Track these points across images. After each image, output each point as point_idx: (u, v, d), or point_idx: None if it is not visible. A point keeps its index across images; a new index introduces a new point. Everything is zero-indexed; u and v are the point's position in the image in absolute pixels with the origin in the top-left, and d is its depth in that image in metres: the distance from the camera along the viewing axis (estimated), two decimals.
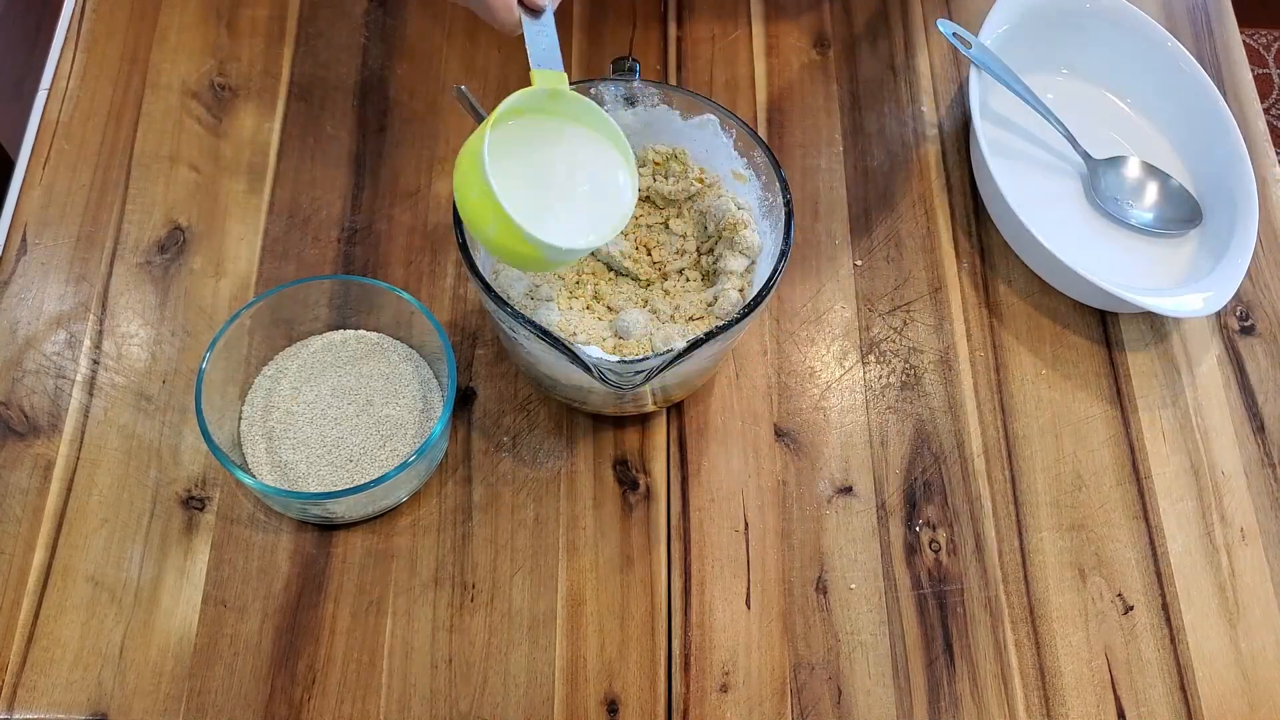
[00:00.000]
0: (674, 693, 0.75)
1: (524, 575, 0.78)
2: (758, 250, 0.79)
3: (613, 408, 0.81)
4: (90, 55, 0.96)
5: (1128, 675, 0.77)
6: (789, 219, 0.74)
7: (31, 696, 0.73)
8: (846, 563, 0.79)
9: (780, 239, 0.74)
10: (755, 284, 0.78)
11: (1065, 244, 0.86)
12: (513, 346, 0.78)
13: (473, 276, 0.71)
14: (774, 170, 0.76)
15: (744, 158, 0.80)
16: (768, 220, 0.79)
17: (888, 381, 0.86)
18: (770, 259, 0.76)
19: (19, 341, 0.84)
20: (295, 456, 0.78)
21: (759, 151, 0.77)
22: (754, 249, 0.79)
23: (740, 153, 0.79)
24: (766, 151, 0.77)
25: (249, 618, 0.76)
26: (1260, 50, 2.06)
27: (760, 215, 0.79)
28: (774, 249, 0.76)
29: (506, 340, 0.78)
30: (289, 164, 0.92)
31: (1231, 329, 0.91)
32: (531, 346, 0.72)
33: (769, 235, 0.78)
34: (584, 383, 0.75)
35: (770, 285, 0.71)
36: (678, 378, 0.76)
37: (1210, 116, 0.95)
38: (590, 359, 0.68)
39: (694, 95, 0.79)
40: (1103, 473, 0.84)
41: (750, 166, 0.79)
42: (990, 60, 0.93)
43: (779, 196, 0.76)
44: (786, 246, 0.73)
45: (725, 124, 0.79)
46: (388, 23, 0.99)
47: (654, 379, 0.69)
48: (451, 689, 0.74)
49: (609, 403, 0.80)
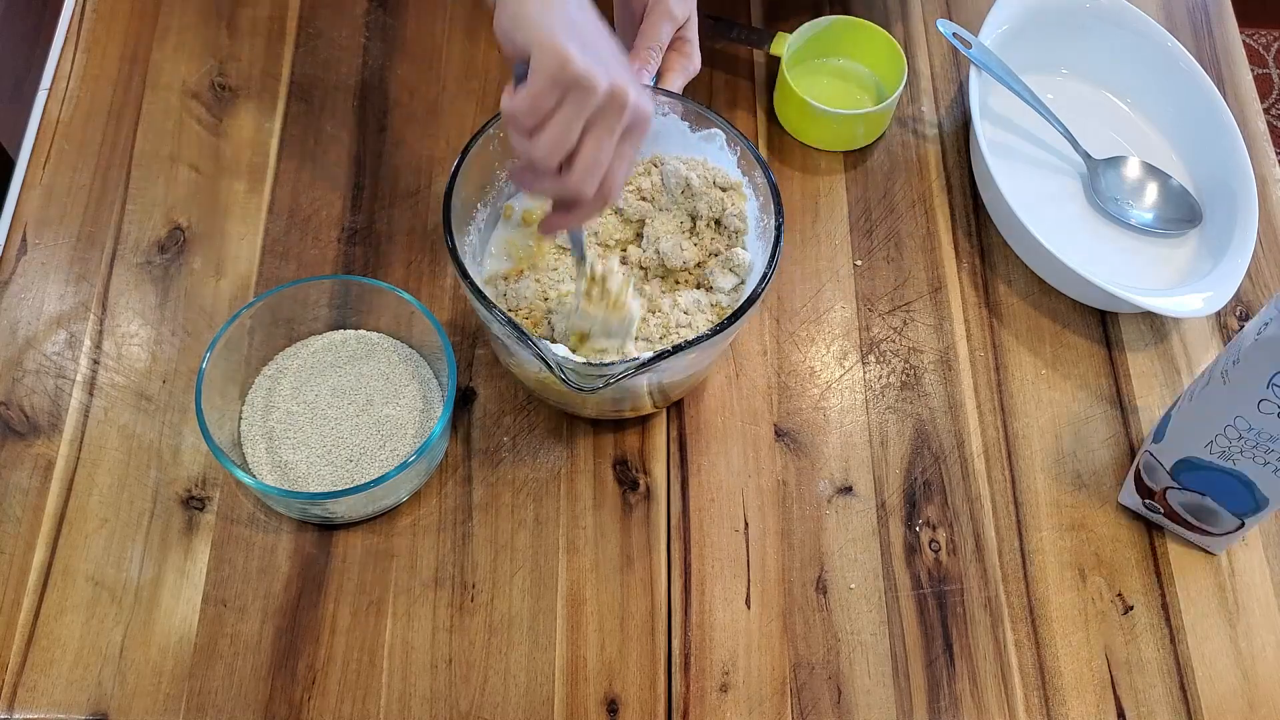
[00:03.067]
0: (674, 693, 0.75)
1: (524, 575, 0.78)
2: (748, 269, 0.79)
3: (611, 412, 0.81)
4: (90, 55, 0.96)
5: (1128, 675, 0.77)
6: (777, 241, 0.74)
7: (32, 696, 0.73)
8: (846, 563, 0.79)
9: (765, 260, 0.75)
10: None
11: (1065, 244, 0.86)
12: (502, 352, 0.78)
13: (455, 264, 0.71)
14: (771, 192, 0.76)
15: (745, 176, 0.80)
16: (762, 241, 0.79)
17: (888, 381, 0.86)
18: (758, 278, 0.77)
19: (19, 341, 0.84)
20: (295, 456, 0.78)
21: (759, 172, 0.78)
22: (744, 267, 0.79)
23: (743, 171, 0.80)
24: (767, 173, 0.77)
25: (249, 618, 0.76)
26: (1260, 50, 2.06)
27: (755, 235, 0.80)
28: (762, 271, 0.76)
29: (496, 344, 0.78)
30: (289, 164, 0.92)
31: (1231, 329, 0.91)
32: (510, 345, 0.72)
33: (760, 256, 0.79)
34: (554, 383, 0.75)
35: (755, 298, 0.72)
36: (669, 377, 0.76)
37: (1210, 116, 0.95)
38: (554, 357, 0.68)
39: (702, 108, 0.79)
40: (1103, 473, 0.84)
41: (750, 185, 0.80)
42: (990, 60, 0.93)
43: (774, 219, 0.76)
44: (769, 270, 0.73)
45: (731, 141, 0.79)
46: (388, 23, 0.99)
47: (613, 385, 0.69)
48: (451, 689, 0.74)
49: (605, 409, 0.80)
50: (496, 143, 0.77)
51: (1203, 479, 0.75)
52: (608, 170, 0.66)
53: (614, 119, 0.64)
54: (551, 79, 0.62)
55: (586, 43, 0.63)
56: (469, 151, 0.75)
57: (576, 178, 0.65)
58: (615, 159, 0.66)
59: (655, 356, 0.69)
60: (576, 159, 0.64)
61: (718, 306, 0.79)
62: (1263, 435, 0.69)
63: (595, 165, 0.65)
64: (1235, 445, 0.71)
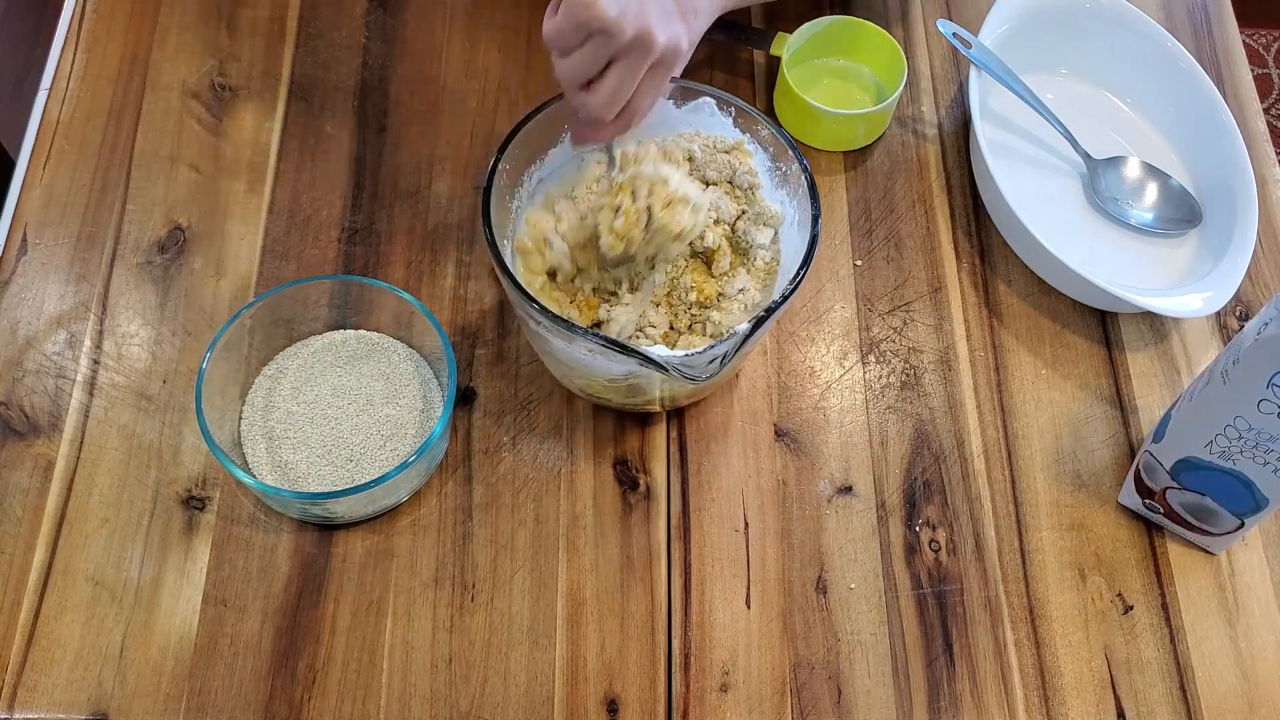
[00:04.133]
0: (674, 693, 0.75)
1: (524, 575, 0.78)
2: (779, 219, 0.78)
3: (640, 401, 0.81)
4: (90, 55, 0.96)
5: (1127, 675, 0.77)
6: (811, 185, 0.74)
7: (32, 696, 0.73)
8: (846, 562, 0.79)
9: (808, 204, 0.74)
10: (785, 256, 0.78)
11: (1065, 244, 0.86)
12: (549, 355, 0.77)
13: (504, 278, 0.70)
14: (782, 139, 0.76)
15: (746, 133, 0.79)
16: (783, 190, 0.78)
17: (888, 381, 0.86)
18: (793, 228, 0.76)
19: (19, 341, 0.84)
20: (295, 456, 0.78)
21: (763, 125, 0.77)
22: (775, 217, 0.78)
23: (742, 129, 0.79)
24: (770, 122, 0.76)
25: (249, 618, 0.76)
26: (1260, 50, 2.06)
27: (774, 186, 0.79)
28: (796, 217, 0.76)
29: (536, 342, 0.78)
30: (289, 164, 0.92)
31: (1231, 329, 0.91)
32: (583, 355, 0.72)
33: (787, 204, 0.78)
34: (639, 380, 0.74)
35: (810, 255, 0.72)
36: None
37: (1210, 116, 0.95)
38: (661, 358, 0.67)
39: (686, 81, 0.78)
40: (1103, 473, 0.84)
41: (755, 141, 0.79)
42: (990, 60, 0.93)
43: (791, 164, 0.75)
44: (816, 211, 0.73)
45: (722, 104, 0.79)
46: (388, 23, 0.99)
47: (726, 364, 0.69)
48: (451, 689, 0.74)
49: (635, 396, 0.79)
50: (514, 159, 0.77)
51: (1203, 479, 0.75)
52: (631, 99, 0.69)
53: (640, 58, 0.67)
54: (576, 22, 0.64)
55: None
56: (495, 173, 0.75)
57: (598, 102, 0.68)
58: (640, 89, 0.69)
59: (760, 320, 0.68)
60: (599, 87, 0.68)
61: (758, 272, 0.78)
62: (1263, 435, 0.69)
63: (616, 95, 0.68)
64: (1235, 445, 0.71)
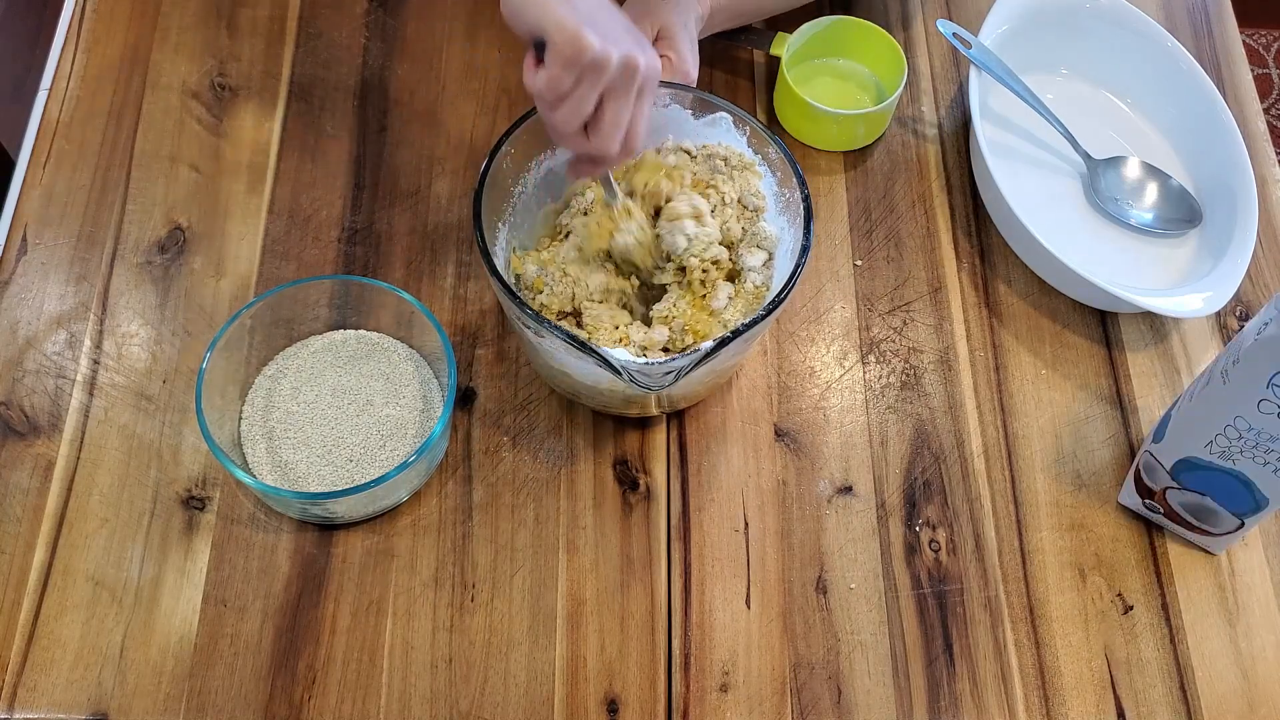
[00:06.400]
0: (674, 692, 0.75)
1: (524, 575, 0.78)
2: (775, 243, 0.79)
3: (635, 409, 0.81)
4: (90, 55, 0.96)
5: (1127, 675, 0.77)
6: (808, 214, 0.75)
7: (32, 696, 0.73)
8: (846, 563, 0.79)
9: (800, 234, 0.75)
10: (776, 281, 0.78)
11: (1065, 244, 0.86)
12: (535, 354, 0.78)
13: (494, 280, 0.71)
14: (790, 165, 0.76)
15: (758, 154, 0.80)
16: (784, 216, 0.79)
17: (888, 381, 0.86)
18: (787, 255, 0.77)
19: (19, 341, 0.84)
20: (295, 456, 0.78)
21: (774, 148, 0.78)
22: (771, 240, 0.79)
23: (754, 149, 0.80)
24: (781, 148, 0.77)
25: (249, 618, 0.76)
26: (1260, 50, 2.06)
27: (777, 211, 0.80)
28: (791, 244, 0.76)
29: (529, 348, 0.78)
30: (289, 164, 0.92)
31: (1231, 329, 0.91)
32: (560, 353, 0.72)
33: (786, 231, 0.79)
34: (612, 386, 0.75)
35: (792, 282, 0.72)
36: (697, 381, 0.76)
37: (1210, 116, 0.95)
38: (618, 361, 0.68)
39: (705, 94, 0.79)
40: (1103, 473, 0.84)
41: (765, 163, 0.79)
42: (990, 60, 0.93)
43: (796, 191, 0.76)
44: (807, 242, 0.74)
45: (738, 121, 0.79)
46: (388, 23, 0.99)
47: (681, 378, 0.69)
48: (451, 689, 0.74)
49: (632, 404, 0.80)
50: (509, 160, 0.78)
51: (1203, 479, 0.75)
52: (628, 128, 0.71)
53: (628, 85, 0.69)
54: (568, 62, 0.66)
55: (594, 18, 0.67)
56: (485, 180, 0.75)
57: (601, 140, 0.70)
58: (634, 115, 0.71)
59: (718, 344, 0.69)
60: (600, 124, 0.70)
61: (747, 295, 0.78)
62: (1263, 435, 0.69)
63: (616, 127, 0.70)
64: (1235, 445, 0.71)
